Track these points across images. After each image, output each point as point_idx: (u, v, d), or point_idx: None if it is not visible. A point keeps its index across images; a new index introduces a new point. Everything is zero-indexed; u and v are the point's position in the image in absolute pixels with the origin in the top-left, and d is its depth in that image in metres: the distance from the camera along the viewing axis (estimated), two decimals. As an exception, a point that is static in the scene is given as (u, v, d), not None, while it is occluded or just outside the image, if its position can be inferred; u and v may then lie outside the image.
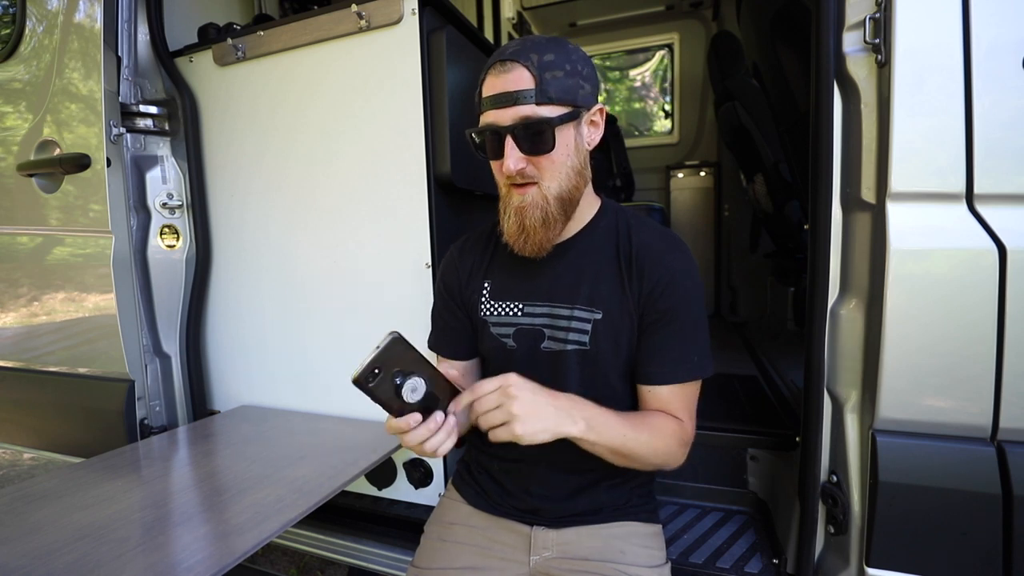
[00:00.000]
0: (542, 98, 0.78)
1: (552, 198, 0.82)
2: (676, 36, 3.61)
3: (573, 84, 0.80)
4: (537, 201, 0.82)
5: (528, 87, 0.77)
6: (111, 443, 1.24)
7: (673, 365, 0.84)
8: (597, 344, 0.86)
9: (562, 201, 0.83)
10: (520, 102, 0.78)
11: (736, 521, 1.28)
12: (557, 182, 0.82)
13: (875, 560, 0.86)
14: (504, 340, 0.91)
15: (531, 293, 0.91)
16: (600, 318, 0.86)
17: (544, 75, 0.78)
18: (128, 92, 1.36)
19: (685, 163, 3.57)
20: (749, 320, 3.13)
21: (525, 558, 0.91)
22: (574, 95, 0.80)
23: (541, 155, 0.80)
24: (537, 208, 0.82)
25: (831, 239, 0.91)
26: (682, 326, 0.84)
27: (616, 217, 0.92)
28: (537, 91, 0.77)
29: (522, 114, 0.78)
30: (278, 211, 1.35)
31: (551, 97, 0.78)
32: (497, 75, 0.80)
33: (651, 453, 0.79)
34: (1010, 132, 0.77)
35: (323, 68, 1.24)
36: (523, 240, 0.84)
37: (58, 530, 0.79)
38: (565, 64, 0.79)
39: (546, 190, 0.82)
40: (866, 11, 0.83)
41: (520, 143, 0.79)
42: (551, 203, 0.82)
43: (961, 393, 0.81)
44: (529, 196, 0.82)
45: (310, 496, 0.89)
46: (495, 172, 0.87)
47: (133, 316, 1.35)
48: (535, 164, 0.81)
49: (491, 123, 0.81)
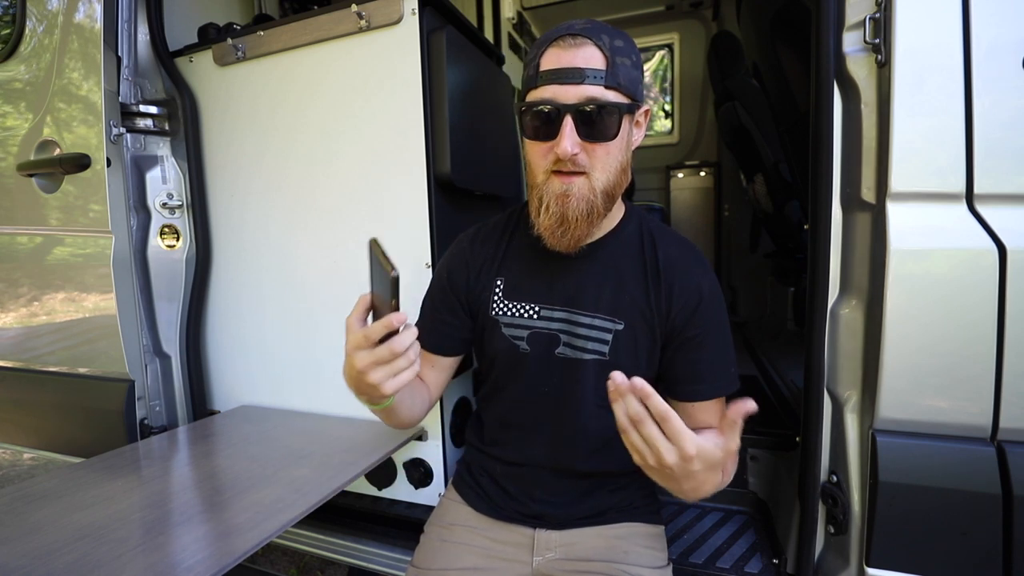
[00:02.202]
0: (612, 82, 0.72)
1: (599, 191, 0.76)
2: (676, 36, 3.61)
3: (637, 76, 0.76)
4: (584, 192, 0.76)
5: (599, 67, 0.72)
6: (111, 443, 1.24)
7: (716, 380, 0.83)
8: (617, 355, 0.83)
9: (607, 197, 0.78)
10: (588, 81, 0.72)
11: (736, 521, 1.27)
12: (607, 175, 0.76)
13: (875, 560, 0.86)
14: (517, 343, 0.88)
15: (550, 296, 0.87)
16: (622, 329, 0.83)
17: (616, 59, 0.73)
18: (128, 92, 1.36)
19: (685, 163, 3.57)
20: (749, 320, 3.13)
21: (528, 559, 0.90)
22: (636, 88, 0.76)
23: (600, 142, 0.74)
24: (583, 200, 0.75)
25: (831, 239, 0.91)
26: (717, 343, 0.83)
27: (640, 224, 0.89)
28: (608, 73, 0.72)
29: (589, 94, 0.72)
30: (278, 211, 1.35)
31: (620, 83, 0.73)
32: (564, 48, 0.73)
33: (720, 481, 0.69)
34: (1010, 132, 0.77)
35: (323, 68, 1.24)
36: (560, 233, 0.78)
37: (58, 530, 0.79)
38: (631, 54, 0.75)
39: (595, 182, 0.76)
40: (866, 11, 0.83)
41: (580, 126, 0.73)
42: (598, 196, 0.76)
43: (961, 393, 0.81)
44: (576, 186, 0.76)
45: (310, 496, 0.88)
46: (534, 155, 0.79)
47: (133, 316, 1.35)
48: (589, 152, 0.74)
49: (550, 99, 0.73)
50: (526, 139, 0.79)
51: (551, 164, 0.76)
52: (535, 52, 0.77)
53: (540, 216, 0.79)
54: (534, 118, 0.75)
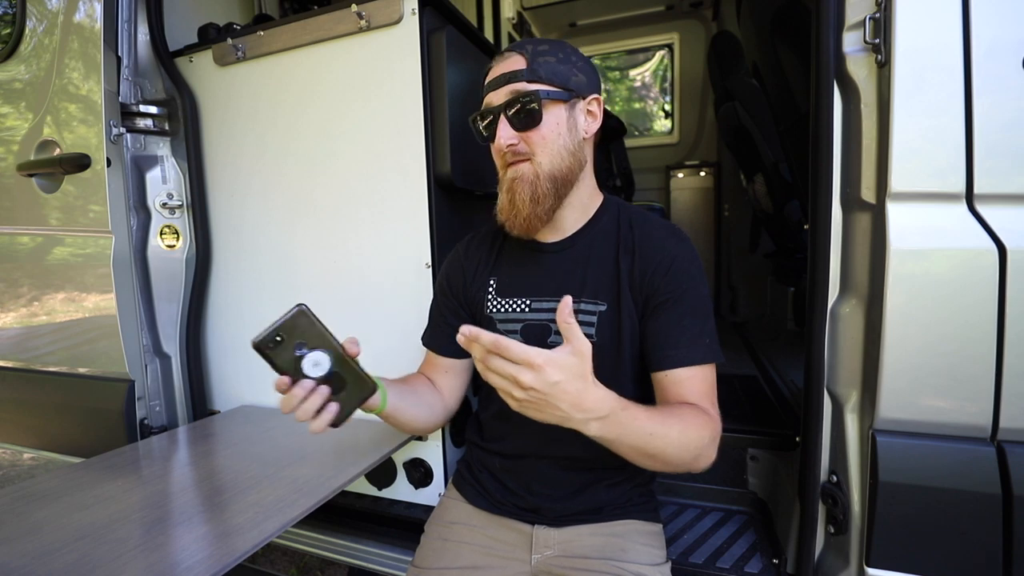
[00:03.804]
0: (532, 76, 0.82)
1: (544, 175, 0.84)
2: (676, 36, 3.61)
3: (565, 70, 0.84)
4: (528, 176, 0.84)
5: (520, 67, 0.83)
6: (111, 443, 1.24)
7: (688, 345, 0.81)
8: (603, 336, 0.86)
9: (554, 180, 0.84)
10: (512, 81, 0.83)
11: (736, 521, 1.27)
12: (548, 159, 0.84)
13: (875, 560, 0.86)
14: (512, 336, 0.90)
15: (538, 288, 0.91)
16: (604, 310, 0.86)
17: (536, 59, 0.84)
18: (128, 92, 1.36)
19: (685, 163, 3.57)
20: (749, 320, 3.13)
21: (526, 556, 0.91)
22: (565, 79, 0.84)
23: (530, 129, 0.83)
24: (526, 183, 0.84)
25: (831, 239, 0.91)
26: (691, 306, 0.83)
27: (618, 212, 0.93)
28: (528, 70, 0.83)
29: (514, 89, 0.83)
30: (278, 211, 1.35)
31: (540, 76, 0.83)
32: (496, 63, 0.87)
33: (682, 449, 0.72)
34: (1010, 132, 0.77)
35: (323, 68, 1.24)
36: (513, 216, 0.85)
37: (58, 530, 0.79)
38: (558, 53, 0.85)
39: (537, 166, 0.84)
40: (866, 11, 0.83)
41: (511, 120, 0.83)
42: (542, 179, 0.84)
43: (961, 393, 0.81)
44: (521, 171, 0.84)
45: (310, 496, 0.88)
46: (495, 157, 0.89)
47: (133, 316, 1.35)
48: (526, 140, 0.83)
49: (486, 104, 0.87)
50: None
51: (504, 161, 0.87)
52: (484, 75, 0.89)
53: (498, 203, 0.88)
54: (482, 127, 0.88)
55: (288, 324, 0.66)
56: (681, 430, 0.72)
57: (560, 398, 0.60)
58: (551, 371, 0.59)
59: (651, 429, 0.69)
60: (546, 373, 0.59)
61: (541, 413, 0.63)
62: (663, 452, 0.70)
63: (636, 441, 0.69)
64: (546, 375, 0.59)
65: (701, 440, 0.73)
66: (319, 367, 0.67)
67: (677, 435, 0.71)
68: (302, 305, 0.67)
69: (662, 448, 0.70)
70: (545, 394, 0.60)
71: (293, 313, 0.66)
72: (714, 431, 0.76)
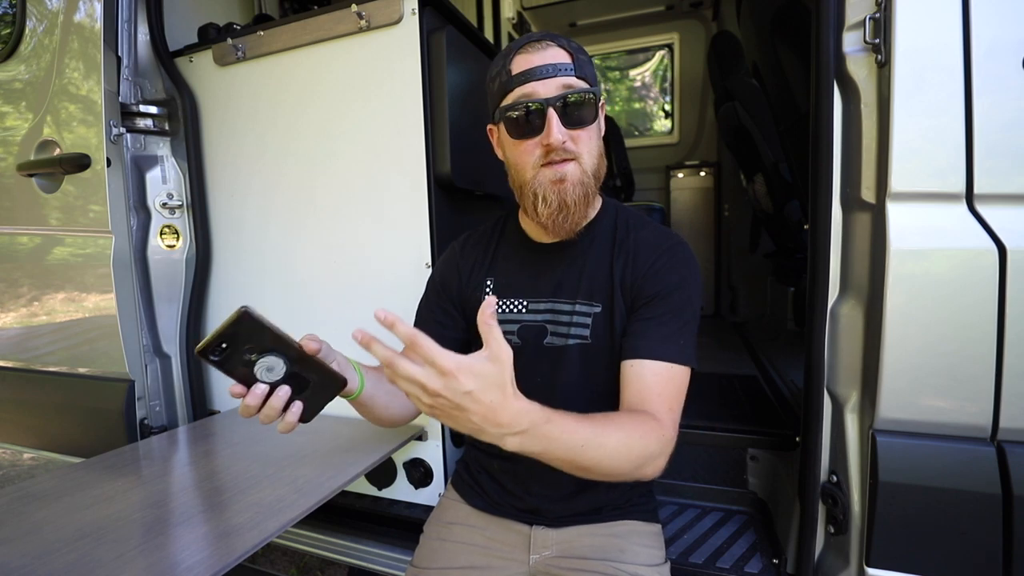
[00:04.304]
0: (580, 73, 0.79)
1: (591, 174, 0.82)
2: (676, 36, 3.61)
3: (594, 72, 0.84)
4: (578, 176, 0.80)
5: (566, 61, 0.79)
6: (111, 443, 1.24)
7: (660, 340, 0.79)
8: (598, 337, 0.86)
9: (596, 180, 0.83)
10: (561, 74, 0.78)
11: (736, 521, 1.27)
12: (590, 159, 0.82)
13: (875, 560, 0.86)
14: (508, 336, 0.89)
15: (535, 290, 0.91)
16: (599, 312, 0.86)
17: (578, 55, 0.81)
18: (128, 92, 1.36)
19: (685, 163, 3.57)
20: (749, 320, 3.13)
21: (525, 557, 0.91)
22: (596, 81, 0.83)
23: (583, 127, 0.79)
24: (579, 184, 0.80)
25: (831, 239, 0.91)
26: (674, 307, 0.81)
27: (616, 215, 0.93)
28: (575, 66, 0.79)
29: (567, 83, 0.78)
30: (278, 211, 1.35)
31: (585, 75, 0.80)
32: (532, 52, 0.80)
33: (622, 460, 0.67)
34: (1010, 132, 0.77)
35: (323, 68, 1.24)
36: (562, 219, 0.80)
37: (58, 530, 0.79)
38: (586, 54, 0.84)
39: (585, 166, 0.81)
40: (866, 11, 0.83)
41: (563, 115, 0.78)
42: (590, 179, 0.82)
43: (961, 393, 0.81)
44: (567, 170, 0.79)
45: (310, 496, 0.88)
46: (521, 154, 0.82)
47: (133, 316, 1.35)
48: (574, 139, 0.79)
49: (530, 95, 0.78)
50: (510, 140, 0.83)
51: (539, 159, 0.80)
52: (500, 65, 0.83)
53: (539, 209, 0.81)
54: (518, 117, 0.80)
55: (229, 331, 0.61)
56: (620, 439, 0.67)
57: (471, 410, 0.54)
58: (464, 378, 0.52)
59: (583, 440, 0.63)
60: (457, 381, 0.52)
61: (452, 422, 0.57)
62: (598, 463, 0.65)
63: (565, 454, 0.63)
64: (457, 383, 0.52)
65: (645, 449, 0.68)
66: (273, 372, 0.64)
67: (615, 444, 0.66)
68: (244, 308, 0.61)
69: (597, 459, 0.64)
70: (455, 404, 0.54)
71: (234, 319, 0.61)
72: (662, 440, 0.71)
